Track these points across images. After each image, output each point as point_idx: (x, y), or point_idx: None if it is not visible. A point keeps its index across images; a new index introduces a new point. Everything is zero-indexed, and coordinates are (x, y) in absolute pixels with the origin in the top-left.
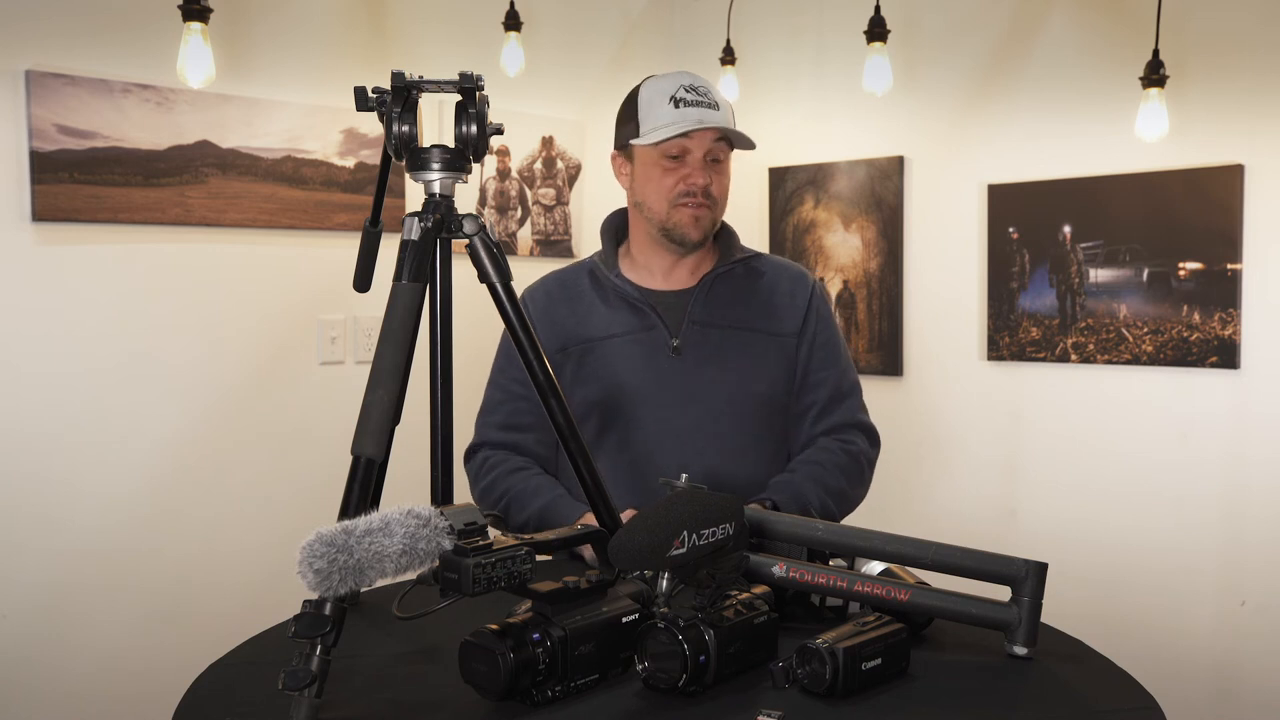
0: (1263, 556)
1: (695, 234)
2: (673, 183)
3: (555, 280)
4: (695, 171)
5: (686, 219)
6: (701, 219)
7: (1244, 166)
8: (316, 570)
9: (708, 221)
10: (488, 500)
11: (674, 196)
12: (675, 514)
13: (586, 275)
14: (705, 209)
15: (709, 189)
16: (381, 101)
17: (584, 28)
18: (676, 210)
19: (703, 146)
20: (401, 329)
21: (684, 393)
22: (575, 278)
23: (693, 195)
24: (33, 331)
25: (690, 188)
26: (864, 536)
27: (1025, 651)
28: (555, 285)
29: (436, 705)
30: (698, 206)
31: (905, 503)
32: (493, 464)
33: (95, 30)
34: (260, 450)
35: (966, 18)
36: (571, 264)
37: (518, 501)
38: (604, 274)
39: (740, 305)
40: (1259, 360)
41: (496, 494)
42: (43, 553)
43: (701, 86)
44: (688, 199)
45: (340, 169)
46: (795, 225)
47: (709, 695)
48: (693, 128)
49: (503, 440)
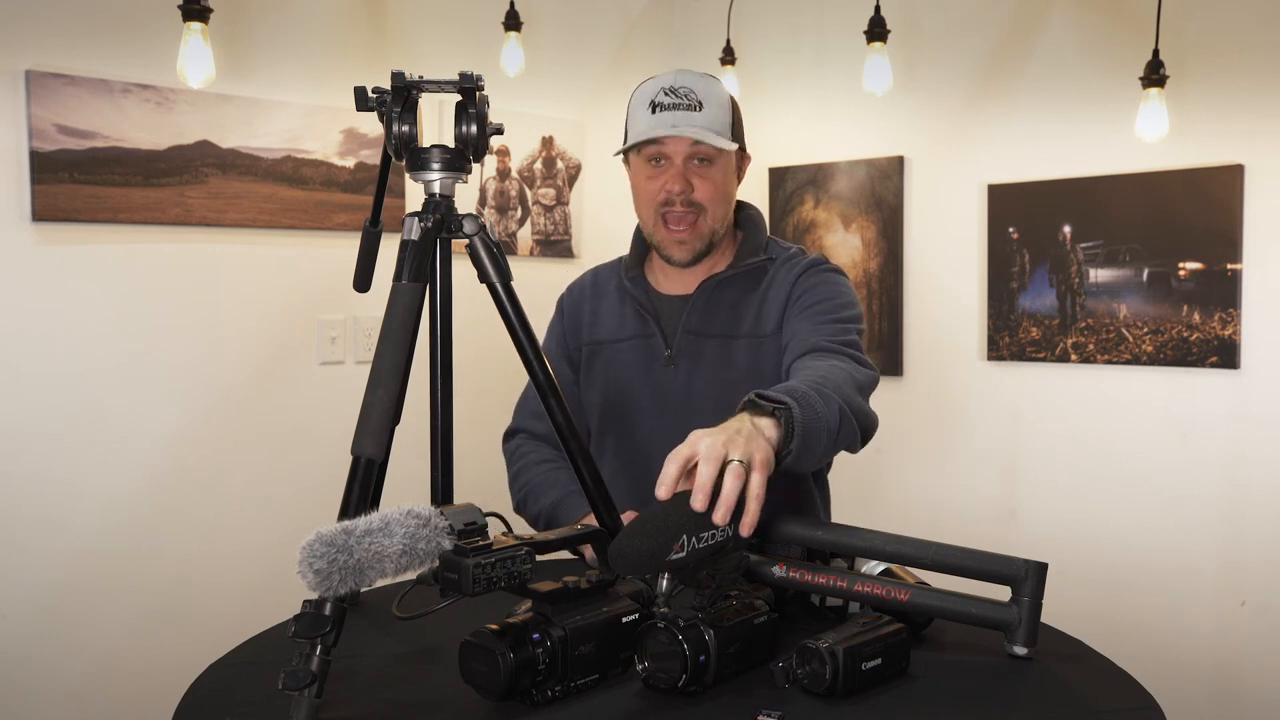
0: (1263, 556)
1: (680, 255)
2: (654, 190)
3: (592, 276)
4: (672, 178)
5: (669, 240)
6: (686, 240)
7: (1244, 166)
8: (316, 570)
9: (695, 240)
10: (514, 488)
11: (656, 205)
12: (674, 518)
13: (615, 276)
14: (689, 224)
15: (691, 195)
16: (381, 101)
17: (584, 28)
18: (659, 228)
19: (681, 151)
20: (401, 329)
21: (675, 403)
22: (609, 275)
23: (671, 204)
24: (33, 331)
25: (668, 195)
26: (864, 536)
27: (1025, 651)
28: (590, 283)
29: (436, 705)
30: (679, 220)
31: (905, 503)
32: (523, 453)
33: (95, 30)
34: (260, 450)
35: (966, 18)
36: (615, 259)
37: (534, 494)
38: (623, 277)
39: (738, 313)
40: (1259, 360)
41: (520, 484)
42: (43, 553)
43: (683, 87)
44: (667, 209)
45: (340, 169)
46: (795, 225)
47: (709, 695)
48: (660, 133)
49: (534, 429)
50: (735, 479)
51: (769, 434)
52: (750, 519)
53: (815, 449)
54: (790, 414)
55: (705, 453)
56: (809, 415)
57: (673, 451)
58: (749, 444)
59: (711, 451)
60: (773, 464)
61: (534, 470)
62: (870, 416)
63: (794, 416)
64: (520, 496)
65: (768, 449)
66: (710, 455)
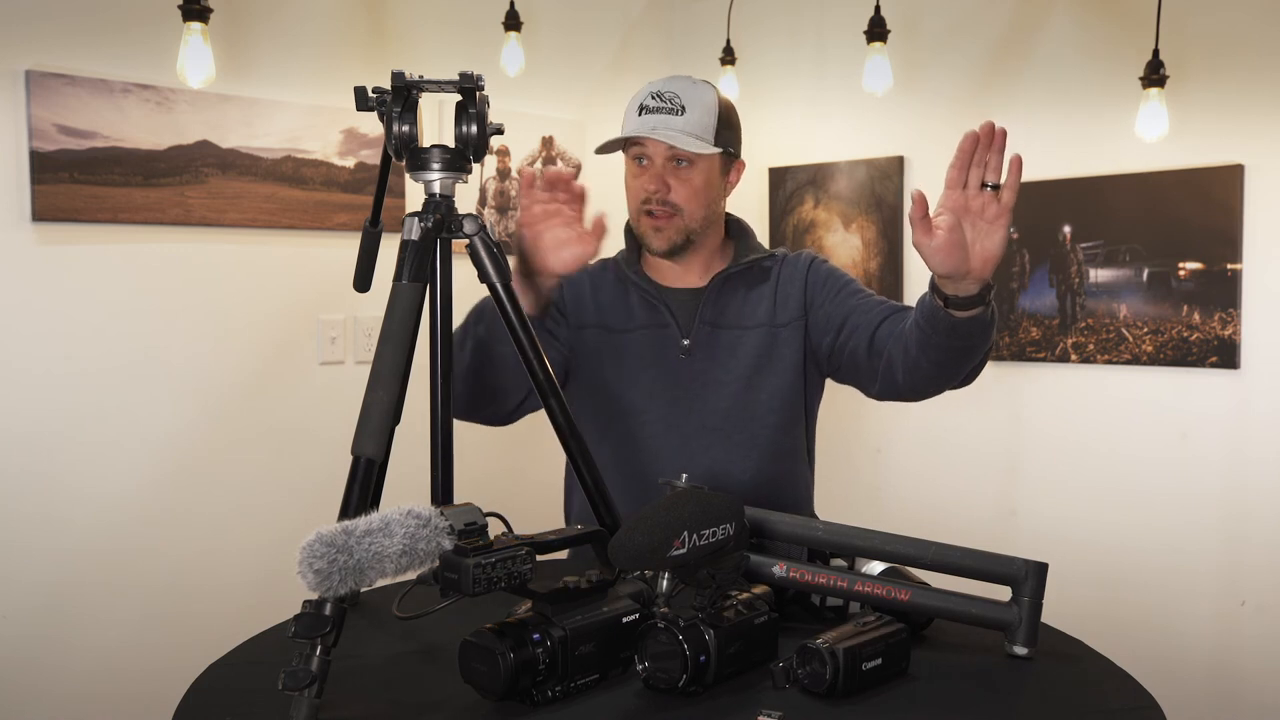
0: (1263, 556)
1: (657, 244)
2: (637, 188)
3: (583, 271)
4: (650, 178)
5: (648, 229)
6: (663, 229)
7: (1244, 166)
8: (316, 570)
9: (671, 231)
10: (459, 344)
11: (638, 204)
12: (675, 514)
13: (610, 270)
14: (666, 218)
15: (666, 195)
16: (381, 101)
17: (584, 28)
18: (641, 219)
19: (660, 152)
20: (401, 329)
21: (690, 393)
22: (600, 271)
23: (649, 203)
24: (33, 331)
25: (646, 194)
26: (864, 536)
27: (1025, 651)
28: (585, 272)
29: (436, 705)
30: (658, 216)
31: (905, 502)
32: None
33: (95, 30)
34: (260, 450)
35: (966, 18)
36: (597, 261)
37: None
38: (624, 269)
39: (750, 305)
40: (1259, 360)
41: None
42: (43, 553)
43: (669, 92)
44: (647, 206)
45: (340, 169)
46: (795, 225)
47: (709, 695)
48: (640, 135)
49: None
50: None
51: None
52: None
53: (993, 319)
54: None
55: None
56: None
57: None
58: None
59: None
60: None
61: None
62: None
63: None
64: (458, 337)
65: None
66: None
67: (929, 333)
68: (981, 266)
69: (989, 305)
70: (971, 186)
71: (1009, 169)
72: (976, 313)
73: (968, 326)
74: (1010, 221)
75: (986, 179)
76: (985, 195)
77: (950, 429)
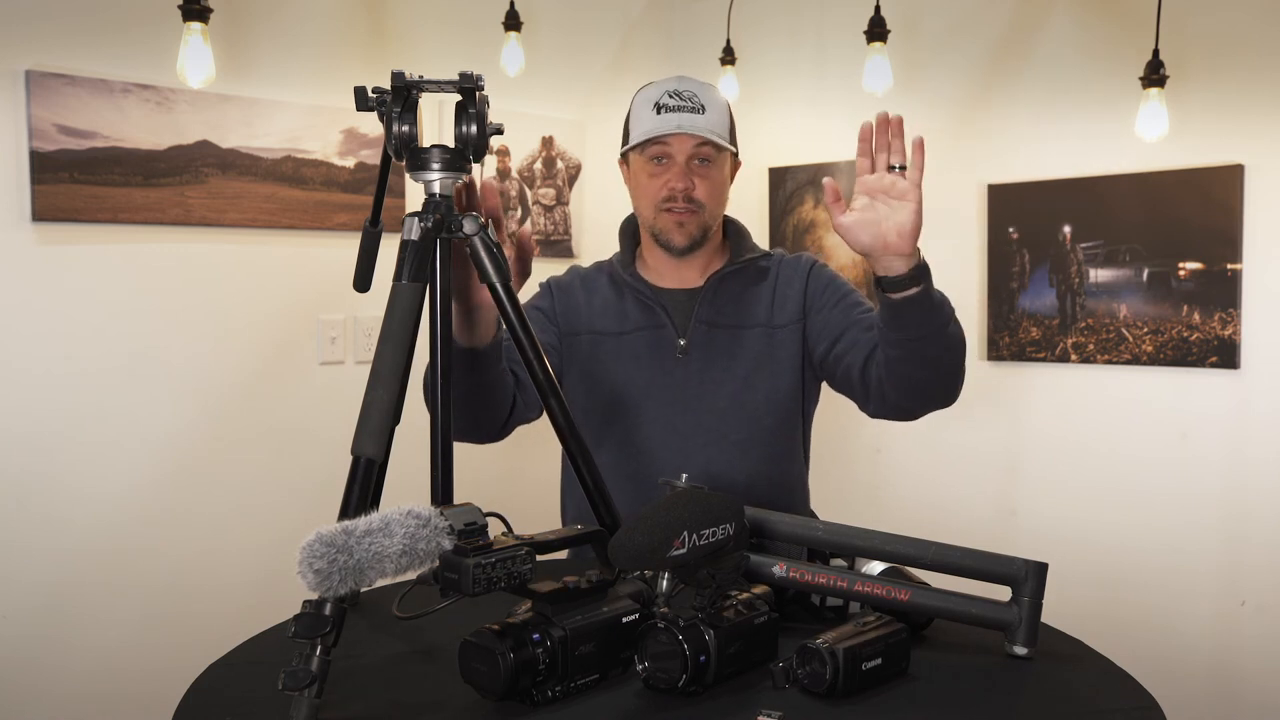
0: (1263, 556)
1: (679, 239)
2: (657, 187)
3: (575, 273)
4: (675, 176)
5: (670, 225)
6: (686, 224)
7: (1244, 166)
8: (316, 570)
9: (693, 226)
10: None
11: (658, 202)
12: (675, 514)
13: (605, 274)
14: (690, 214)
15: (692, 193)
16: (381, 101)
17: (584, 28)
18: (660, 216)
19: (684, 150)
20: (401, 329)
21: (688, 393)
22: (594, 275)
23: (673, 200)
24: (33, 331)
25: (670, 192)
26: (864, 536)
27: (1025, 651)
28: (576, 277)
29: (436, 705)
30: (681, 212)
31: (905, 502)
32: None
33: (95, 30)
34: (260, 450)
35: (966, 18)
36: (592, 265)
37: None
38: (619, 272)
39: (747, 304)
40: (1259, 360)
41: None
42: (43, 553)
43: (687, 91)
44: (670, 204)
45: (340, 169)
46: (795, 225)
47: (709, 695)
48: (665, 133)
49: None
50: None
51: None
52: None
53: (938, 307)
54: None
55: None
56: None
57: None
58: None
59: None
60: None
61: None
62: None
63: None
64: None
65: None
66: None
67: (884, 330)
68: (899, 241)
69: (926, 286)
70: (880, 170)
71: (913, 150)
72: (913, 293)
73: (911, 311)
74: (920, 198)
75: (892, 161)
76: (894, 175)
77: (950, 429)
